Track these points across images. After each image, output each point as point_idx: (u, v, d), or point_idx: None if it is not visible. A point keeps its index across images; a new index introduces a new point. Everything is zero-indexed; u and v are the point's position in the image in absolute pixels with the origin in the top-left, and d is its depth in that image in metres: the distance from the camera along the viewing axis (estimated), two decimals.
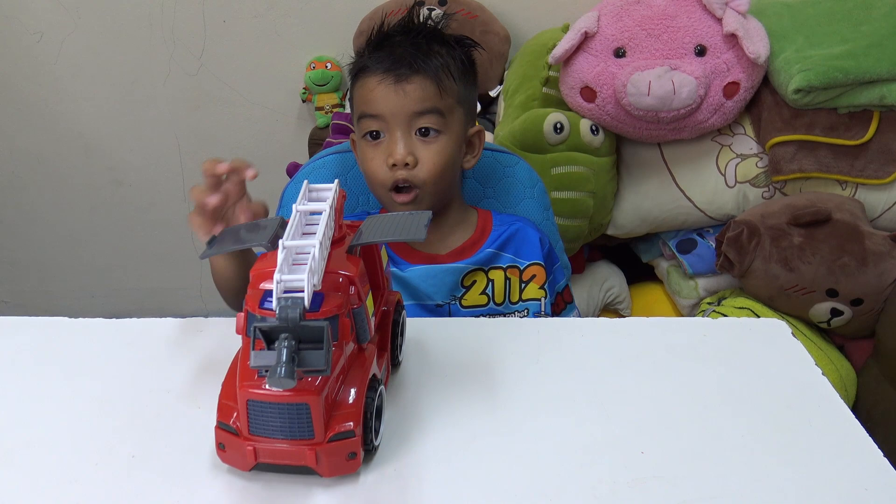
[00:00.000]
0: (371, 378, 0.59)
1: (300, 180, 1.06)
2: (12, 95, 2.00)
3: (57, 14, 1.89)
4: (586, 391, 0.70)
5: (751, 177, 1.52)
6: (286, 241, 0.55)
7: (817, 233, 1.38)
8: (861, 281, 1.36)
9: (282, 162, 1.81)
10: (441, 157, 0.92)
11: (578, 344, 0.77)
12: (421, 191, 0.93)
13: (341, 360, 0.57)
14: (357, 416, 0.57)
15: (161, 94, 1.99)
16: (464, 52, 0.96)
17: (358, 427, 0.56)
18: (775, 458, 0.62)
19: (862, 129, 1.44)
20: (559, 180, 1.48)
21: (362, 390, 0.58)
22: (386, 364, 0.67)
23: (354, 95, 0.96)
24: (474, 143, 1.00)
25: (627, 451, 0.63)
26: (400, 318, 0.71)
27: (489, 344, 0.77)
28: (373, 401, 0.58)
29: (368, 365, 0.59)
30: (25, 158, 2.08)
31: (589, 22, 1.48)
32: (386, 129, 0.92)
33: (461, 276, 0.98)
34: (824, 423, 0.66)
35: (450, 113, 0.93)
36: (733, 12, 1.42)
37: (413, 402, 0.68)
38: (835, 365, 1.43)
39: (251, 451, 0.56)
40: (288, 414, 0.55)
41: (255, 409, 0.55)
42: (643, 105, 1.41)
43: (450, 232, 1.00)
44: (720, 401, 0.69)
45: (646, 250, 1.74)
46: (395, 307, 0.69)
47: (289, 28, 1.90)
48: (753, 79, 1.46)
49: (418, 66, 0.90)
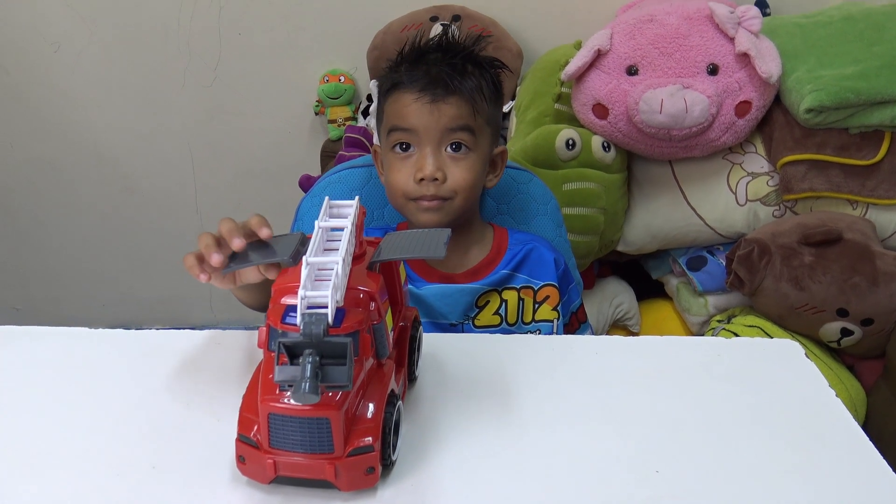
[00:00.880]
0: (390, 393, 0.60)
1: (316, 194, 1.07)
2: (28, 104, 2.02)
3: (74, 25, 1.91)
4: (601, 408, 0.71)
5: (762, 195, 1.53)
6: (310, 258, 0.56)
7: (828, 252, 1.38)
8: (872, 301, 1.36)
9: (294, 174, 1.82)
10: (470, 173, 0.93)
11: (592, 361, 0.78)
12: (448, 204, 0.93)
13: (361, 375, 0.58)
14: (376, 432, 0.57)
15: (175, 105, 2.01)
16: (493, 74, 0.97)
17: (377, 442, 0.57)
18: (789, 478, 0.63)
19: (873, 150, 1.45)
20: (570, 196, 1.49)
21: (381, 405, 0.58)
22: (403, 379, 0.68)
23: (386, 109, 0.96)
24: (497, 162, 1.01)
25: (642, 469, 0.63)
26: (417, 334, 0.72)
27: (504, 360, 0.77)
28: (391, 416, 0.59)
29: (387, 380, 0.60)
30: (39, 166, 2.10)
31: (602, 39, 1.49)
32: (417, 143, 0.92)
33: (476, 296, 0.99)
34: (837, 444, 0.67)
35: (480, 132, 0.94)
36: (746, 32, 1.43)
37: (429, 417, 0.69)
38: (845, 385, 1.43)
39: (271, 465, 0.57)
40: (308, 428, 0.55)
41: (275, 422, 0.56)
42: (655, 123, 1.42)
43: (467, 250, 1.01)
44: (734, 420, 0.69)
45: (656, 267, 1.74)
46: (413, 323, 0.70)
47: (302, 41, 1.92)
48: (765, 98, 1.47)
49: (455, 87, 0.91)
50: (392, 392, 0.61)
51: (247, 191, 2.10)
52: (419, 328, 0.73)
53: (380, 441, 0.58)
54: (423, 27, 1.76)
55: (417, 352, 0.73)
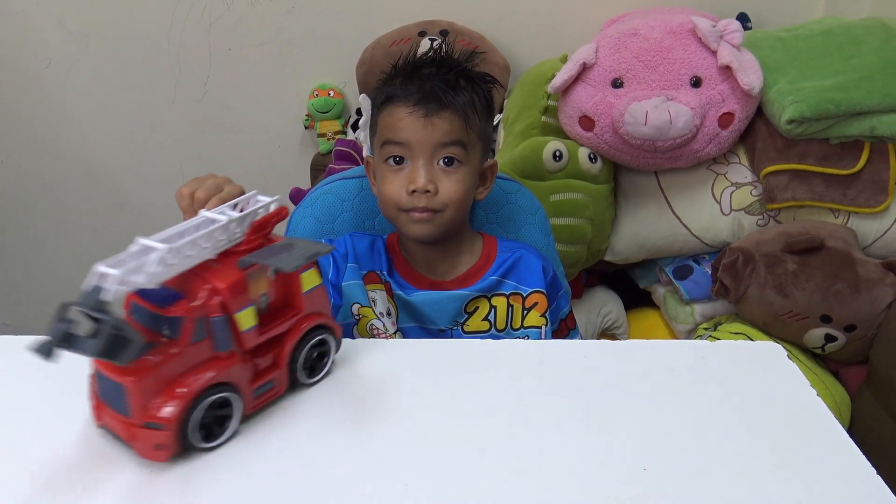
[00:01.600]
0: (217, 384, 0.63)
1: (307, 205, 1.09)
2: (19, 120, 2.03)
3: (66, 41, 1.92)
4: (588, 410, 0.72)
5: (745, 205, 1.56)
6: (144, 239, 0.60)
7: (811, 260, 1.41)
8: (854, 307, 1.38)
9: (285, 187, 1.84)
10: (461, 186, 0.95)
11: (580, 365, 0.79)
12: (439, 216, 0.95)
13: (180, 359, 0.62)
14: (176, 413, 0.61)
15: (166, 120, 2.02)
16: (485, 89, 0.99)
17: (173, 423, 0.61)
18: (772, 477, 0.64)
19: (853, 160, 1.48)
20: (558, 207, 1.51)
21: (193, 390, 0.62)
22: (279, 380, 0.69)
23: (380, 121, 0.97)
24: (487, 175, 1.02)
25: (630, 468, 0.65)
26: (311, 342, 0.71)
27: (493, 364, 0.79)
28: (203, 402, 0.62)
29: (218, 370, 0.63)
30: (30, 182, 2.11)
31: (587, 53, 1.52)
32: (410, 156, 0.94)
33: (465, 302, 1.00)
34: (820, 443, 0.69)
35: (472, 146, 0.96)
36: (728, 45, 1.46)
37: (418, 420, 0.70)
38: (829, 390, 1.45)
39: (98, 412, 0.65)
40: (113, 389, 0.61)
41: (100, 377, 0.63)
42: (640, 134, 1.44)
43: (456, 258, 1.03)
44: (718, 420, 0.71)
45: (643, 276, 1.76)
46: (312, 330, 0.71)
47: (292, 56, 1.94)
48: (747, 109, 1.50)
49: (448, 102, 0.93)
50: (225, 383, 0.64)
51: None
52: (325, 338, 0.73)
53: (178, 422, 0.61)
54: (412, 42, 1.78)
55: (321, 360, 0.73)
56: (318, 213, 1.08)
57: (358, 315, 0.98)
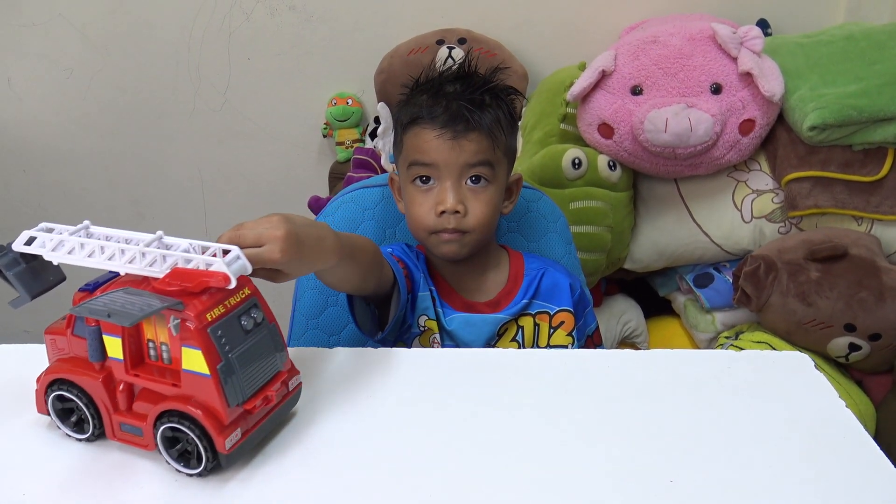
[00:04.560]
0: (67, 379, 0.68)
1: (328, 214, 1.09)
2: (40, 129, 2.05)
3: (87, 51, 1.94)
4: (614, 420, 0.72)
5: (767, 212, 1.54)
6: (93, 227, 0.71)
7: (834, 268, 1.39)
8: (879, 316, 1.37)
9: (303, 196, 1.84)
10: (489, 206, 0.94)
11: (605, 375, 0.79)
12: (468, 236, 0.95)
13: (66, 341, 0.71)
14: (42, 384, 0.69)
15: (185, 129, 2.03)
16: (509, 103, 0.98)
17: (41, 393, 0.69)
18: (802, 488, 0.63)
19: (877, 166, 1.47)
20: (577, 215, 1.50)
21: (52, 375, 0.69)
22: (145, 434, 0.65)
23: (406, 142, 0.97)
24: (513, 189, 1.02)
25: (657, 479, 0.64)
26: (167, 423, 0.63)
27: (518, 375, 0.79)
28: (54, 389, 0.68)
29: (76, 372, 0.68)
30: (51, 190, 2.13)
31: (606, 60, 1.51)
32: (438, 176, 0.94)
33: (498, 326, 1.00)
34: (849, 454, 0.68)
35: (498, 164, 0.95)
36: (748, 51, 1.46)
37: (444, 430, 0.70)
38: (853, 400, 1.44)
39: None
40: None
41: None
42: (660, 142, 1.44)
43: (484, 275, 1.02)
44: (745, 431, 0.70)
45: (663, 284, 1.75)
46: (171, 412, 0.63)
47: (311, 65, 1.95)
48: (768, 116, 1.49)
49: (475, 123, 0.92)
50: (71, 382, 0.68)
51: (256, 213, 2.07)
52: (192, 436, 0.62)
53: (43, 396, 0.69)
54: (430, 50, 1.78)
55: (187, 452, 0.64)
56: (339, 222, 1.07)
57: (424, 327, 0.98)
